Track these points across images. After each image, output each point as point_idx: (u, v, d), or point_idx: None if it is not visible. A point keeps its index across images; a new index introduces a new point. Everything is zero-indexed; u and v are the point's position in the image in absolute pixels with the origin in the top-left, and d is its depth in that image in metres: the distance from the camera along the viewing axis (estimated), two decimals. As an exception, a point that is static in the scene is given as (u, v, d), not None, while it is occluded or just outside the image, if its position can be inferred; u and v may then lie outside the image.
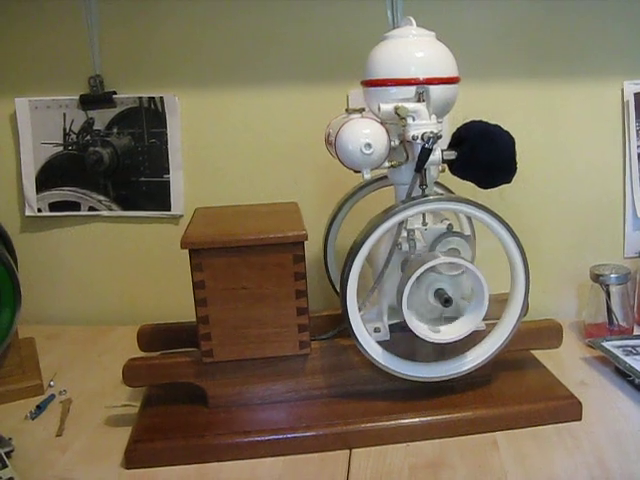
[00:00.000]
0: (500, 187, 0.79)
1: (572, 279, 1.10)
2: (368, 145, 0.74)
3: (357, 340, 0.77)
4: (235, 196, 1.07)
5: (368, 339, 0.78)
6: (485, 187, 0.79)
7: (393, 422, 0.77)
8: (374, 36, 0.81)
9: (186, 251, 0.76)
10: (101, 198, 1.12)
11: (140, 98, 1.08)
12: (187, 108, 1.09)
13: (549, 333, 0.85)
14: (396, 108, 0.74)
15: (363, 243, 0.75)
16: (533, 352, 0.91)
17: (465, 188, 0.82)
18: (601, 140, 1.07)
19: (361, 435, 0.76)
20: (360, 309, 0.78)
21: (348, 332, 0.78)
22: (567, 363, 0.94)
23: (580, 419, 0.79)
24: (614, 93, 1.05)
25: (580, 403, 0.79)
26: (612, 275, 0.98)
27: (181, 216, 1.12)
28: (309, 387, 0.82)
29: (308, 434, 0.76)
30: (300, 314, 0.79)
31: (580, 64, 1.04)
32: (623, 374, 0.88)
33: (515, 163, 0.77)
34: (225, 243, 0.76)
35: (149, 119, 1.09)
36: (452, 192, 0.91)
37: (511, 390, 0.82)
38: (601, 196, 1.09)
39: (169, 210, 1.12)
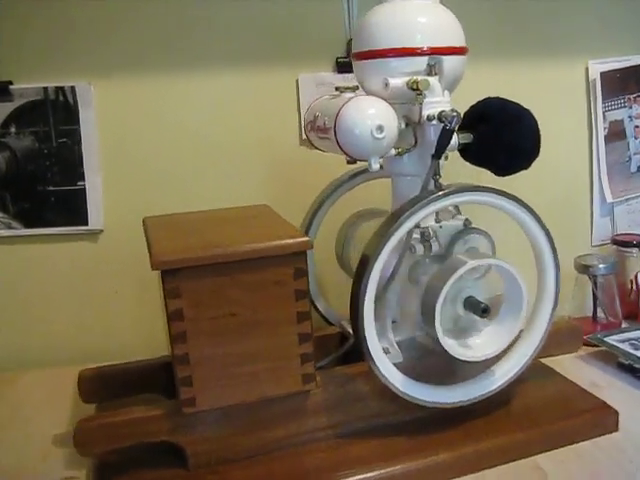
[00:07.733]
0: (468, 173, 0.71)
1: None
2: (380, 128, 0.62)
3: (377, 367, 0.64)
4: (167, 204, 0.89)
5: (388, 365, 0.65)
6: (503, 174, 0.69)
7: (422, 461, 0.65)
8: (328, 9, 0.69)
9: (106, 273, 0.62)
10: (-2, 214, 0.94)
11: (45, 88, 0.91)
12: (104, 99, 0.93)
13: (569, 336, 0.78)
14: (412, 82, 0.62)
15: (382, 248, 0.61)
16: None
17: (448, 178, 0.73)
18: (567, 123, 1.03)
19: (387, 482, 0.63)
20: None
21: (359, 357, 0.65)
22: (566, 364, 0.86)
23: (617, 429, 0.71)
24: (578, 73, 1.02)
25: (617, 412, 0.71)
26: (600, 265, 0.93)
27: (101, 231, 0.96)
28: (313, 429, 0.68)
29: (322, 491, 0.62)
30: (303, 341, 0.64)
31: (543, 45, 1.01)
32: (630, 369, 0.82)
33: (539, 146, 0.68)
34: (211, 259, 0.60)
35: (57, 114, 0.93)
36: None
37: (538, 406, 0.73)
38: (568, 182, 1.05)
39: (86, 225, 0.96)
